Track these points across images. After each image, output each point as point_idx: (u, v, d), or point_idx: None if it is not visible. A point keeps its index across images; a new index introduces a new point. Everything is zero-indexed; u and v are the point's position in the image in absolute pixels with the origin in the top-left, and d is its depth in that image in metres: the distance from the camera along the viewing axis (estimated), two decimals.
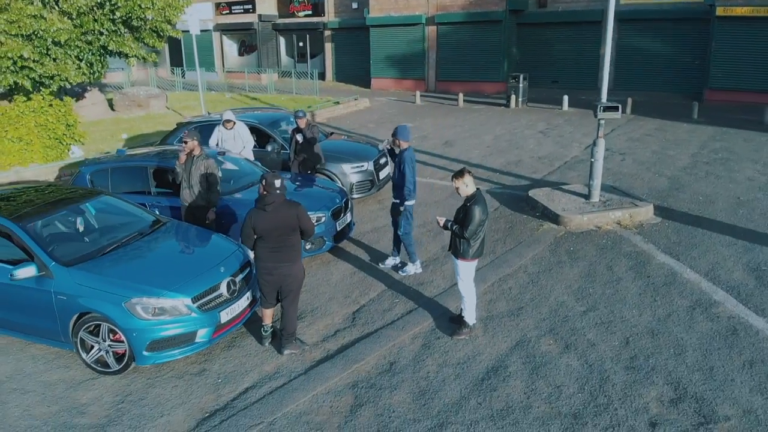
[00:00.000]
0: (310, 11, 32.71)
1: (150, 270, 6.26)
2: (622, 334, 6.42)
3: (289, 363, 6.14)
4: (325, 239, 8.52)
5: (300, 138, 10.34)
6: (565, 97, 21.10)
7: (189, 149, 7.98)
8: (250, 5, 33.55)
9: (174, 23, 15.86)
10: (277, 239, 6.00)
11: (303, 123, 10.35)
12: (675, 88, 23.48)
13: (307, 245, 8.24)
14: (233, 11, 34.44)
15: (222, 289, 6.27)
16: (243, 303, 6.50)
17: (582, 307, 7.04)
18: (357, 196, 10.96)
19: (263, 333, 6.43)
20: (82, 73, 14.39)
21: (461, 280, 6.39)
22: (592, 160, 10.03)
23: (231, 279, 6.40)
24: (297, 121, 10.39)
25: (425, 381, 5.77)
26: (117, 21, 14.02)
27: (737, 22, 20.70)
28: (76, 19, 13.53)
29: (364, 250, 9.07)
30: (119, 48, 14.66)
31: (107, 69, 16.10)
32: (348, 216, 9.11)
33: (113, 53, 15.05)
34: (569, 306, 7.09)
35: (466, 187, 6.13)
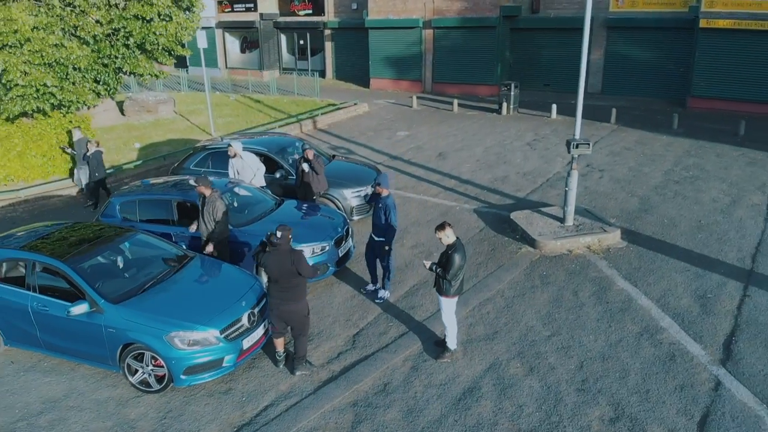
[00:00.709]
0: (310, 10, 33.54)
1: (184, 306, 7.46)
2: (578, 358, 7.66)
3: (301, 383, 7.39)
4: (329, 265, 9.73)
5: (306, 167, 11.47)
6: (554, 106, 22.15)
7: (200, 192, 9.15)
8: (251, 3, 34.34)
9: (184, 43, 16.88)
10: (284, 281, 7.19)
11: (310, 154, 11.47)
12: (660, 93, 24.56)
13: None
14: (235, 9, 35.22)
15: (244, 321, 7.50)
16: (260, 331, 7.74)
17: (547, 332, 8.28)
18: (357, 218, 12.16)
19: (277, 358, 7.68)
20: (98, 95, 15.46)
21: (444, 313, 7.61)
22: (566, 189, 11.19)
23: (251, 311, 7.63)
24: (305, 153, 11.49)
25: (413, 400, 7.02)
26: (131, 46, 15.04)
27: (719, 33, 21.70)
28: (93, 45, 14.56)
29: (362, 270, 10.24)
30: (133, 69, 15.71)
31: (122, 85, 17.17)
32: (349, 241, 10.31)
33: (128, 73, 16.11)
34: (537, 331, 8.33)
35: (447, 238, 7.32)
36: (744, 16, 20.97)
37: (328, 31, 33.28)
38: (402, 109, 24.99)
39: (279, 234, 7.12)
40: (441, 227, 7.32)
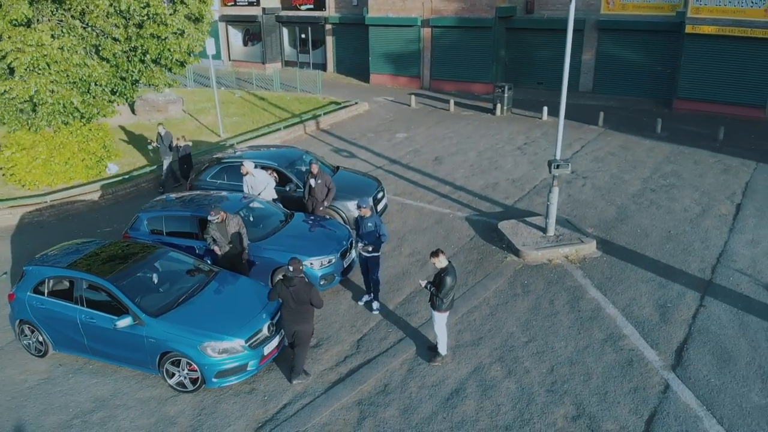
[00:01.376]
0: (311, 5, 34.35)
1: (213, 319, 8.70)
2: (549, 362, 8.96)
3: (314, 384, 8.69)
4: (335, 276, 10.98)
5: (313, 182, 12.64)
6: (545, 108, 23.25)
7: (220, 219, 10.31)
8: None
9: (196, 53, 17.92)
10: (295, 307, 8.41)
11: (315, 169, 12.64)
12: (648, 94, 25.66)
13: (322, 281, 10.70)
14: (238, 3, 36.00)
15: (264, 330, 8.77)
16: (277, 339, 9.01)
17: (525, 338, 9.57)
18: None
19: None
20: (116, 106, 16.59)
21: (436, 324, 8.87)
22: (548, 203, 12.40)
23: (270, 322, 8.89)
24: (311, 167, 12.66)
25: (408, 400, 8.32)
26: (147, 61, 16.11)
27: (704, 39, 22.72)
28: (112, 62, 15.62)
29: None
30: (149, 81, 16.79)
31: (138, 94, 18.26)
32: (353, 253, 11.54)
33: (144, 85, 17.20)
34: (516, 337, 9.62)
35: (440, 263, 8.55)
36: (728, 23, 21.97)
37: (329, 26, 34.13)
38: (401, 108, 26.05)
39: (291, 268, 8.33)
40: (435, 254, 8.55)
